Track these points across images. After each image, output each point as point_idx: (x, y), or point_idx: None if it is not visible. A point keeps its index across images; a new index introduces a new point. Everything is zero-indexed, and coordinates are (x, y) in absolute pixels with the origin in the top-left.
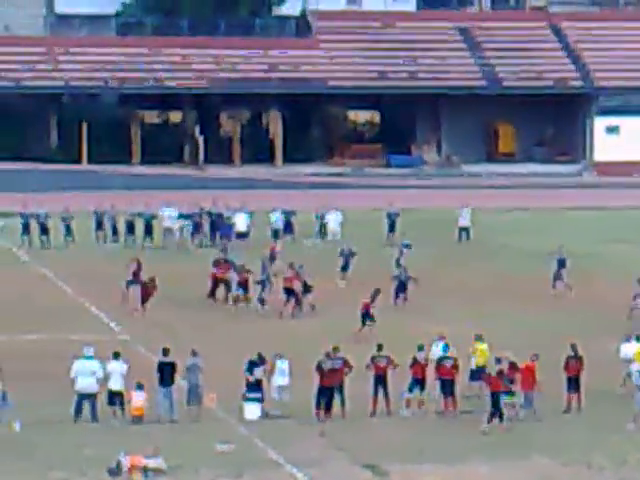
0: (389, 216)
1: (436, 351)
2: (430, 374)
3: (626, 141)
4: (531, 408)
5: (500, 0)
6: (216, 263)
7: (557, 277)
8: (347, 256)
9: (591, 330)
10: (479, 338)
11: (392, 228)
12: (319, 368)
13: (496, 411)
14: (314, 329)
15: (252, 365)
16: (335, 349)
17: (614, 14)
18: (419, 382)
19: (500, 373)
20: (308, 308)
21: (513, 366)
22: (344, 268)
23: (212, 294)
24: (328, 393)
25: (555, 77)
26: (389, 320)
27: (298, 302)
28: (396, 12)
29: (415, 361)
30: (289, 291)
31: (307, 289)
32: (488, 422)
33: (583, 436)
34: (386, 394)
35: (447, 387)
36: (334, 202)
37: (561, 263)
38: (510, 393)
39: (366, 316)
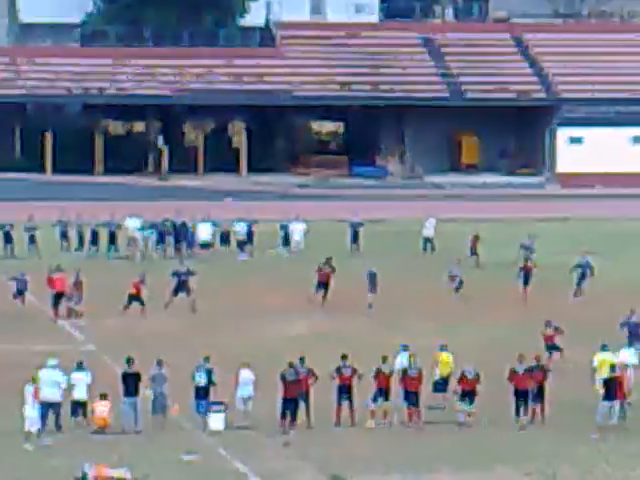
0: (352, 226)
1: (400, 362)
2: (394, 385)
3: (589, 152)
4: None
5: (463, 11)
6: (175, 273)
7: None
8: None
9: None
10: (443, 349)
11: (355, 238)
12: (283, 379)
13: None
14: (280, 339)
15: (200, 370)
16: (301, 359)
17: (577, 26)
18: (383, 392)
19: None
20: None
21: (476, 376)
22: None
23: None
24: (292, 404)
25: (518, 88)
26: (354, 330)
27: None
28: (360, 23)
29: (379, 372)
30: None
31: None
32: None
33: (548, 446)
34: (351, 404)
35: (411, 398)
36: (298, 212)
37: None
38: (470, 400)
39: None
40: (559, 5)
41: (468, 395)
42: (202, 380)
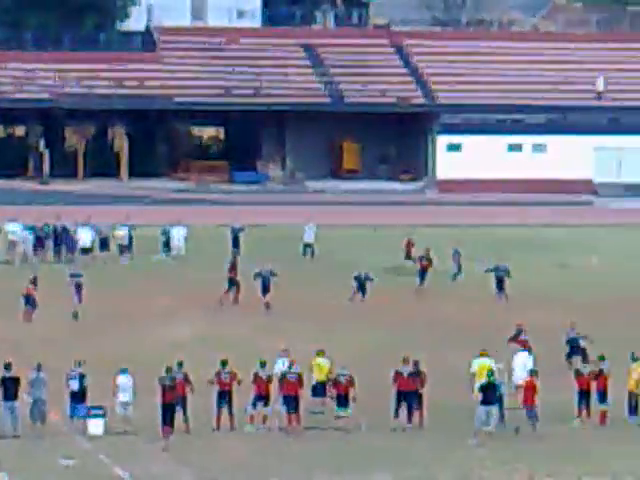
0: (233, 231)
1: (279, 367)
2: (274, 390)
3: (468, 159)
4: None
5: (343, 18)
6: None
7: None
8: (364, 280)
9: (436, 346)
10: (320, 354)
11: (236, 243)
12: (160, 384)
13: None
14: (162, 344)
15: (74, 375)
16: (179, 364)
17: (456, 33)
18: (262, 398)
19: None
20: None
21: (351, 380)
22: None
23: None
24: (170, 409)
25: (398, 95)
26: (237, 334)
27: None
28: (241, 28)
29: (257, 377)
30: None
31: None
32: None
33: (426, 451)
34: (230, 410)
35: (291, 403)
36: (179, 218)
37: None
38: (344, 405)
39: None
40: (438, 12)
41: (342, 399)
42: (75, 385)
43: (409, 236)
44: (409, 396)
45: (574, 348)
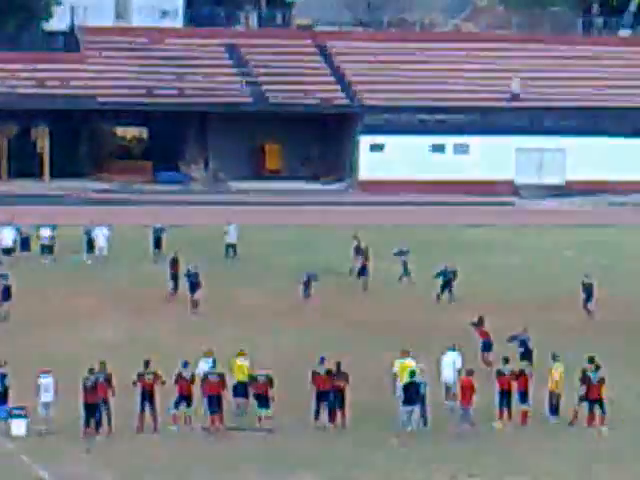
0: (155, 232)
1: (203, 367)
2: (197, 390)
3: (390, 159)
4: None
5: (267, 18)
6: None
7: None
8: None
9: (359, 345)
10: (240, 354)
11: (158, 244)
12: (83, 385)
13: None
14: (86, 344)
15: None
16: (102, 364)
17: (378, 34)
18: (185, 398)
19: None
20: None
21: (269, 380)
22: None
23: None
24: (92, 410)
25: (321, 96)
26: (158, 336)
27: None
28: (165, 28)
29: (180, 377)
30: None
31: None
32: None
33: (348, 451)
34: (153, 410)
35: (214, 403)
36: (102, 218)
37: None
38: (264, 405)
39: None
40: (361, 13)
41: (261, 399)
42: None
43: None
44: (327, 395)
45: (526, 350)
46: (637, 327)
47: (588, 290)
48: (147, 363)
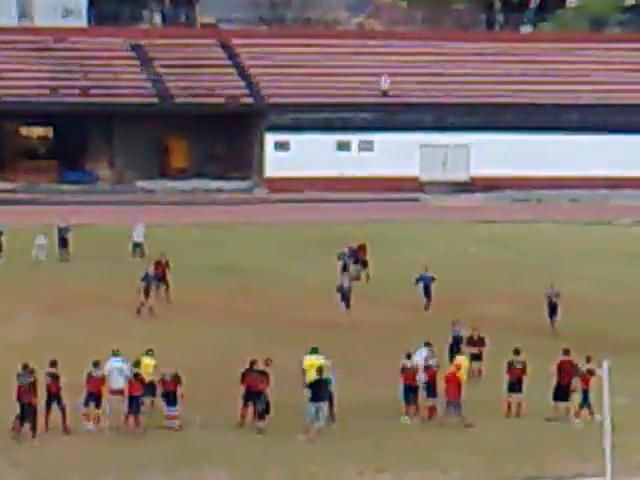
0: (60, 231)
1: (111, 366)
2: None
3: (296, 157)
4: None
5: (171, 17)
6: None
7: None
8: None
9: (266, 344)
10: (148, 353)
11: (63, 243)
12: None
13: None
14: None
15: None
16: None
17: (283, 31)
18: (94, 397)
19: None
20: None
21: (177, 378)
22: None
23: None
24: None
25: (226, 93)
26: (68, 335)
27: None
28: (68, 27)
29: (90, 376)
30: None
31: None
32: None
33: (257, 448)
34: (62, 409)
35: (131, 403)
36: (5, 219)
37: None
38: (172, 402)
39: None
40: (264, 11)
41: (168, 397)
42: None
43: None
44: (258, 395)
45: (458, 345)
46: (541, 321)
47: (552, 305)
48: (54, 363)
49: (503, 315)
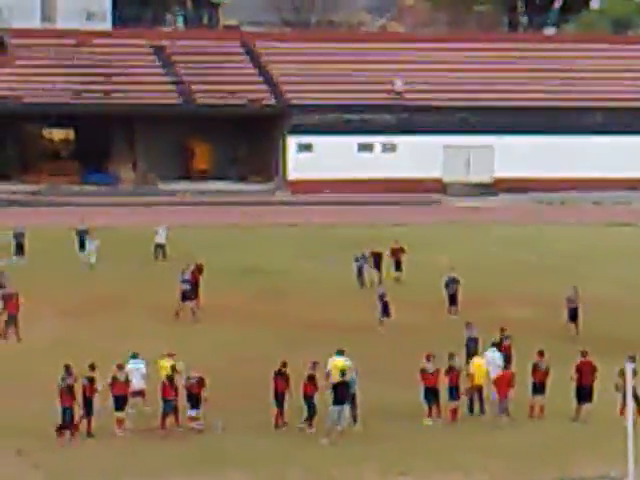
0: (78, 233)
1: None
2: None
3: (318, 159)
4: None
5: (193, 19)
6: None
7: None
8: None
9: (289, 345)
10: (167, 355)
11: (83, 245)
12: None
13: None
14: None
15: None
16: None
17: (305, 34)
18: (121, 400)
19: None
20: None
21: (201, 381)
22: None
23: None
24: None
25: (249, 96)
26: (88, 338)
27: None
28: (91, 30)
29: (115, 380)
30: None
31: None
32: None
33: (278, 451)
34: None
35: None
36: (27, 220)
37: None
38: (194, 405)
39: None
40: (287, 14)
41: (192, 400)
42: None
43: (397, 242)
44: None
45: (476, 346)
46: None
47: (573, 309)
48: (92, 366)
49: (525, 318)
